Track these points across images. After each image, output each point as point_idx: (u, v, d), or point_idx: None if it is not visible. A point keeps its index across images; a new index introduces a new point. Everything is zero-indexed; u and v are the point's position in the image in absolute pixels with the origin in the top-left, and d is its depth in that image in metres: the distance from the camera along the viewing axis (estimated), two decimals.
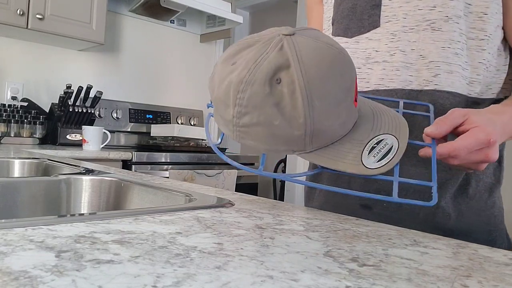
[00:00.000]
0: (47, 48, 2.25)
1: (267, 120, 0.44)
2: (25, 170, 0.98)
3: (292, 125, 0.44)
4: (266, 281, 0.25)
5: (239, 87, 0.44)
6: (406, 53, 0.64)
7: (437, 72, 0.62)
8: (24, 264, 0.25)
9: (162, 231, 0.36)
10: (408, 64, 0.64)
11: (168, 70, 2.75)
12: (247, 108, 0.44)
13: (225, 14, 2.57)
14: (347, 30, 0.69)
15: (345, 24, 0.70)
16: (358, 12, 0.68)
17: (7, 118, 1.96)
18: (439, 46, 0.62)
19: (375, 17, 0.66)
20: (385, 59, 0.65)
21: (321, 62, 0.45)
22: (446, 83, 0.62)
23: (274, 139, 0.46)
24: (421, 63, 0.63)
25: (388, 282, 0.27)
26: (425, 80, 0.63)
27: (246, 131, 0.46)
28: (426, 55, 0.62)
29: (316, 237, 0.38)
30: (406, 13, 0.64)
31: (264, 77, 0.43)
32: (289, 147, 0.46)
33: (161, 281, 0.24)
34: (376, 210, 0.65)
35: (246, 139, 0.47)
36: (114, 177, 0.71)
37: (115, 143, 2.43)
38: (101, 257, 0.28)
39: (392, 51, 0.65)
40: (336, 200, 0.70)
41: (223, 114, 0.47)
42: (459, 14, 0.61)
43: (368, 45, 0.67)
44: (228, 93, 0.45)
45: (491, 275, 0.30)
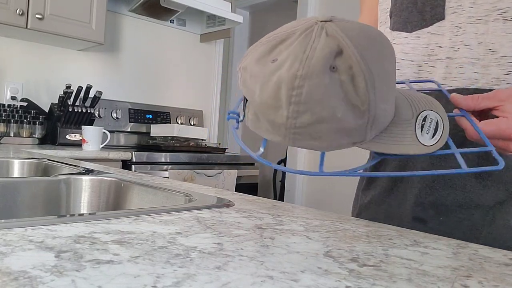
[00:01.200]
0: (46, 48, 2.24)
1: (330, 114, 0.39)
2: (24, 170, 0.98)
3: (355, 114, 0.40)
4: (266, 282, 0.25)
5: (293, 84, 0.39)
6: (471, 47, 0.57)
7: (510, 69, 0.55)
8: (24, 264, 0.25)
9: (162, 231, 0.36)
10: (473, 59, 0.57)
11: (168, 70, 2.75)
12: (306, 105, 0.39)
13: (225, 14, 2.57)
14: (407, 24, 0.63)
15: (405, 17, 0.63)
16: (420, 3, 0.62)
17: (7, 118, 1.96)
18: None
19: (439, 9, 0.60)
20: (448, 55, 0.59)
21: (372, 42, 0.41)
22: None
23: (337, 133, 0.40)
24: (490, 58, 0.56)
25: (388, 283, 0.27)
26: (494, 78, 0.56)
27: (303, 131, 0.40)
28: (497, 50, 0.55)
29: (316, 237, 0.38)
30: (473, 2, 0.57)
31: (321, 67, 0.38)
32: (351, 139, 0.41)
33: (161, 281, 0.24)
34: (431, 225, 0.58)
35: (302, 140, 0.41)
36: (113, 177, 0.71)
37: (114, 143, 2.42)
38: (101, 257, 0.28)
39: (457, 46, 0.58)
40: (390, 211, 0.64)
41: (272, 118, 0.41)
42: None
43: (430, 40, 0.61)
44: (278, 93, 0.40)
45: (492, 275, 0.30)
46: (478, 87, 0.56)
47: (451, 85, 0.58)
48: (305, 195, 2.75)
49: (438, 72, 0.60)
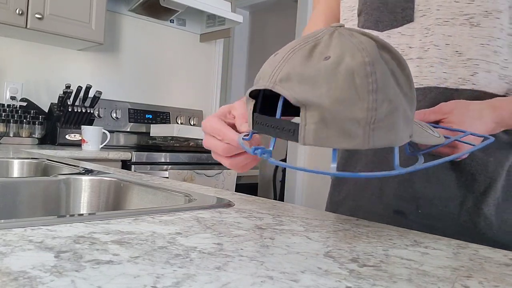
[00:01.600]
0: (46, 48, 2.24)
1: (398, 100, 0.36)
2: (24, 170, 0.98)
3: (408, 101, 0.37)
4: (266, 282, 0.25)
5: (366, 70, 0.34)
6: (440, 48, 0.60)
7: (476, 70, 0.58)
8: (23, 264, 0.25)
9: (162, 231, 0.36)
10: (442, 60, 0.59)
11: (168, 70, 2.75)
12: (383, 92, 0.35)
13: (225, 14, 2.57)
14: (378, 23, 0.65)
15: (376, 16, 0.65)
16: (390, 4, 0.64)
17: (6, 118, 1.96)
18: (478, 43, 0.58)
19: (408, 11, 0.62)
20: (419, 55, 0.61)
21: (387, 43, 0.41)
22: (483, 83, 0.58)
23: (405, 122, 0.37)
24: (457, 59, 0.59)
25: (388, 283, 0.27)
26: (461, 78, 0.59)
27: (382, 125, 0.35)
28: (464, 52, 0.58)
29: (316, 237, 0.38)
30: (440, 4, 0.60)
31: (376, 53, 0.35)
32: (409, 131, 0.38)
33: (161, 281, 0.24)
34: (412, 217, 0.60)
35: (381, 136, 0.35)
36: (113, 177, 0.71)
37: (114, 143, 2.42)
38: (101, 257, 0.27)
39: (426, 47, 0.61)
40: (368, 206, 0.66)
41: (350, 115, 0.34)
42: (500, 9, 0.57)
43: (400, 40, 0.63)
44: (353, 84, 0.34)
45: (492, 275, 0.30)
46: (446, 86, 0.59)
47: (422, 83, 0.61)
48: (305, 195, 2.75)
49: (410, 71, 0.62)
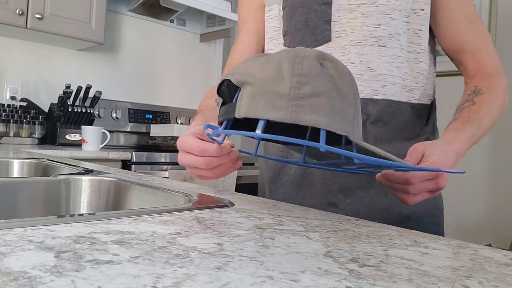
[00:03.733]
0: (46, 48, 2.24)
1: (328, 91, 0.42)
2: (24, 170, 0.98)
3: (346, 101, 0.43)
4: (266, 282, 0.25)
5: (294, 60, 0.43)
6: (355, 65, 0.70)
7: (385, 83, 0.70)
8: (24, 264, 0.25)
9: (162, 231, 0.36)
10: (358, 75, 0.70)
11: (168, 70, 2.75)
12: (307, 77, 0.42)
13: (225, 14, 2.56)
14: (302, 43, 0.74)
15: (300, 37, 0.74)
16: (311, 26, 0.73)
17: (6, 118, 1.95)
18: (385, 61, 0.70)
19: (326, 32, 0.72)
20: None
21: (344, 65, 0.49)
22: (391, 92, 0.70)
23: (334, 113, 0.42)
24: (369, 74, 0.70)
25: (388, 283, 0.27)
26: (374, 90, 0.70)
27: (306, 103, 0.42)
28: (375, 68, 0.70)
29: (316, 237, 0.38)
30: (353, 28, 0.70)
31: (313, 56, 0.44)
32: (345, 126, 0.43)
33: (161, 281, 0.24)
34: (342, 206, 0.72)
35: (305, 113, 0.42)
36: (113, 177, 0.71)
37: (114, 143, 2.42)
38: (101, 257, 0.27)
39: (344, 63, 0.70)
40: (305, 201, 0.75)
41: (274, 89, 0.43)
42: (399, 32, 0.70)
43: None
44: (280, 68, 0.43)
45: (492, 275, 0.30)
46: (363, 96, 0.70)
47: None
48: None
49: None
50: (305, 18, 0.74)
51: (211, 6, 2.47)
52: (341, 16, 0.71)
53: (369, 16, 0.69)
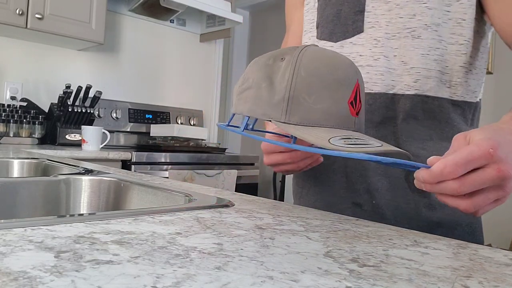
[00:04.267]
0: (46, 48, 2.24)
1: (257, 83, 0.50)
2: (24, 170, 0.98)
3: (275, 89, 0.49)
4: (266, 282, 0.25)
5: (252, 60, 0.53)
6: (389, 59, 0.67)
7: (418, 78, 0.65)
8: (24, 264, 0.25)
9: (162, 231, 0.36)
10: (391, 69, 0.67)
11: (168, 70, 2.75)
12: (248, 74, 0.52)
13: (225, 14, 2.56)
14: (332, 35, 0.72)
15: (330, 29, 0.73)
16: (343, 18, 0.71)
17: (6, 118, 1.96)
18: (418, 53, 0.65)
19: (358, 23, 0.69)
20: (369, 63, 0.68)
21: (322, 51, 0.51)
22: (426, 87, 0.65)
23: (257, 100, 0.50)
24: (402, 68, 0.66)
25: (388, 283, 0.27)
26: (406, 85, 0.66)
27: (242, 96, 0.52)
28: (408, 62, 0.66)
29: (316, 237, 0.38)
30: (388, 21, 0.67)
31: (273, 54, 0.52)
32: (268, 112, 0.49)
33: (161, 281, 0.24)
34: (366, 207, 0.68)
35: (239, 105, 0.52)
36: (113, 177, 0.71)
37: (114, 143, 2.42)
38: (101, 257, 0.27)
39: (376, 56, 0.67)
40: (328, 200, 0.72)
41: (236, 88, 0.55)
42: (437, 22, 0.65)
43: (352, 49, 0.69)
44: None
45: (492, 275, 0.30)
46: (395, 92, 0.67)
47: (372, 89, 0.67)
48: None
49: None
50: (338, 9, 0.72)
51: (211, 6, 2.47)
52: (376, 6, 0.68)
53: (403, 6, 0.66)
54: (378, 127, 0.67)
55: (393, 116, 0.67)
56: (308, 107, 0.48)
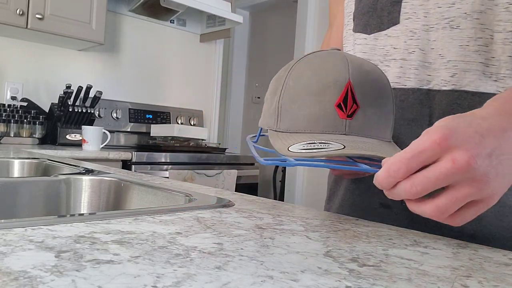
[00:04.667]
0: (46, 48, 2.24)
1: (267, 96, 0.55)
2: (24, 170, 0.98)
3: (272, 99, 0.53)
4: (266, 281, 0.25)
5: None
6: (425, 52, 0.62)
7: (455, 72, 0.60)
8: (24, 264, 0.25)
9: (162, 231, 0.36)
10: (426, 63, 0.62)
11: (168, 70, 2.75)
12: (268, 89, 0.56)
13: (225, 14, 2.56)
14: (367, 27, 0.69)
15: (365, 21, 0.69)
16: (379, 9, 0.67)
17: (7, 118, 1.96)
18: (456, 45, 0.60)
19: (394, 14, 0.65)
20: (403, 56, 0.64)
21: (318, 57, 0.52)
22: (465, 82, 0.60)
23: (265, 112, 0.55)
24: (440, 62, 0.61)
25: (388, 283, 0.27)
26: (443, 80, 0.61)
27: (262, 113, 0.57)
28: (445, 54, 0.61)
29: (316, 237, 0.38)
30: (427, 11, 0.62)
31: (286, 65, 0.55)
32: (268, 120, 0.53)
33: (161, 281, 0.24)
34: (395, 210, 0.62)
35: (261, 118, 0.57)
36: (113, 177, 0.71)
37: (114, 143, 2.42)
38: (101, 257, 0.28)
39: (411, 49, 0.63)
40: (355, 199, 0.69)
41: None
42: (480, 9, 0.59)
43: (386, 42, 0.66)
44: None
45: (491, 275, 0.30)
46: (430, 88, 0.62)
47: (405, 84, 0.63)
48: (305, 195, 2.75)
49: (392, 71, 0.65)
50: (374, 0, 0.68)
51: (211, 6, 2.47)
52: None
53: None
54: (411, 125, 0.63)
55: (428, 113, 0.62)
56: (294, 114, 0.50)
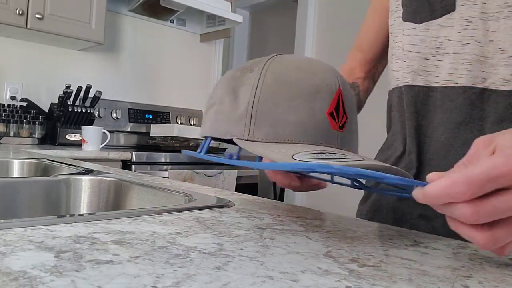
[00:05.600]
0: (46, 48, 2.24)
1: (220, 98, 0.45)
2: (24, 170, 0.98)
3: (237, 101, 0.43)
4: (266, 282, 0.25)
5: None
6: (481, 45, 0.54)
7: None
8: (24, 264, 0.25)
9: (162, 231, 0.36)
10: (482, 57, 0.54)
11: (168, 70, 2.75)
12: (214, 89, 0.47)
13: (225, 14, 2.56)
14: (416, 15, 0.60)
15: (414, 7, 0.60)
16: None
17: (6, 118, 1.95)
18: None
19: (449, 0, 0.57)
20: (456, 50, 0.56)
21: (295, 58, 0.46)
22: None
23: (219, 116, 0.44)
24: (499, 57, 0.53)
25: (388, 283, 0.27)
26: (501, 78, 0.53)
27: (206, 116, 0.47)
28: (506, 49, 0.53)
29: (316, 237, 0.38)
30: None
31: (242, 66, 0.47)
32: (229, 128, 0.43)
33: (161, 281, 0.24)
34: (434, 223, 0.56)
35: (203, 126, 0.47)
36: (113, 177, 0.71)
37: (114, 143, 2.42)
38: (101, 257, 0.27)
39: (465, 41, 0.55)
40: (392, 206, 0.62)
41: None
42: None
43: (439, 32, 0.58)
44: None
45: (492, 275, 0.30)
46: (485, 86, 0.54)
47: (457, 81, 0.56)
48: (305, 195, 2.75)
49: (445, 67, 0.57)
50: None
51: (211, 6, 2.47)
52: None
53: None
54: (459, 128, 0.55)
55: (481, 116, 0.54)
56: (277, 119, 0.41)
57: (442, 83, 0.57)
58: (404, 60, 0.62)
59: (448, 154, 0.56)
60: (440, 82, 0.57)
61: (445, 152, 0.56)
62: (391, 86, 0.67)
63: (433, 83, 0.58)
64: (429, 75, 0.59)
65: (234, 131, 0.42)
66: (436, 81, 0.58)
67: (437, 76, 0.58)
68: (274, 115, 0.41)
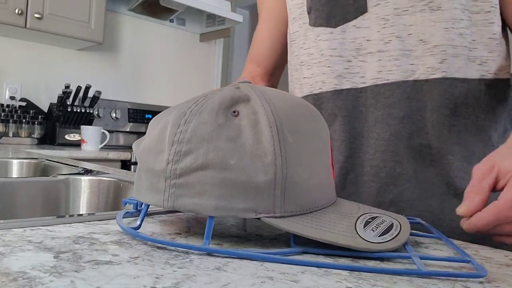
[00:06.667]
0: (45, 48, 2.24)
1: (219, 157, 0.31)
2: (23, 170, 0.98)
3: (256, 164, 0.31)
4: (266, 282, 0.25)
5: (180, 120, 0.33)
6: (403, 39, 0.56)
7: (444, 57, 0.55)
8: (23, 265, 0.25)
9: (162, 231, 0.36)
10: (407, 51, 0.56)
11: (167, 69, 2.75)
12: (190, 143, 0.32)
13: (225, 13, 2.56)
14: (330, 19, 0.61)
15: (327, 12, 0.61)
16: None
17: (6, 118, 1.95)
18: (441, 28, 0.55)
19: (361, 1, 0.58)
20: (379, 48, 0.58)
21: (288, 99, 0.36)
22: (454, 68, 0.55)
23: (228, 187, 0.31)
24: (422, 49, 0.56)
25: (388, 283, 0.27)
26: (430, 67, 0.55)
27: (186, 182, 0.31)
28: (428, 39, 0.55)
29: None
30: None
31: (216, 106, 0.33)
32: (251, 203, 0.31)
33: (160, 282, 0.24)
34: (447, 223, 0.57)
35: (185, 196, 0.32)
36: (113, 177, 0.71)
37: (114, 143, 2.42)
38: (100, 258, 0.27)
39: (387, 38, 0.57)
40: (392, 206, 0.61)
41: (152, 166, 0.34)
42: None
43: (356, 34, 0.59)
44: (164, 134, 0.33)
45: (493, 276, 0.29)
46: (416, 78, 0.56)
47: (388, 78, 0.57)
48: None
49: (371, 66, 0.58)
50: None
51: (211, 5, 2.47)
52: None
53: None
54: (403, 123, 0.57)
55: (419, 107, 0.56)
56: (306, 185, 0.33)
57: (371, 82, 0.59)
58: (327, 65, 0.62)
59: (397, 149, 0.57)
60: (368, 81, 0.59)
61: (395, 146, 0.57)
62: (302, 94, 0.66)
63: (360, 84, 0.59)
64: (355, 77, 0.60)
65: (261, 207, 0.31)
66: (363, 81, 0.59)
67: (362, 76, 0.59)
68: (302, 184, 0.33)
